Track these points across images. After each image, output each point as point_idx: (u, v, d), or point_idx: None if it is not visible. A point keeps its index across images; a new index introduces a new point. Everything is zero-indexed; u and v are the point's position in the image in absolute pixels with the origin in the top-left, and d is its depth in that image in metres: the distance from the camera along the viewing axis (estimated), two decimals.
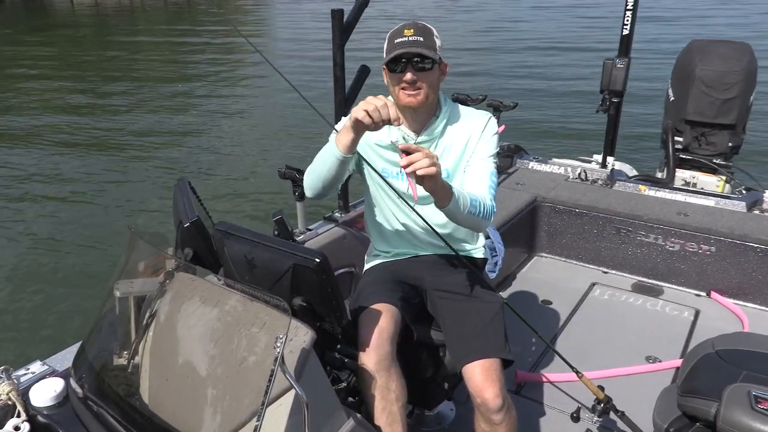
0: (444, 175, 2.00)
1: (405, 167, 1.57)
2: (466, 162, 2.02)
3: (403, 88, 1.90)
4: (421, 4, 33.17)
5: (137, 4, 38.59)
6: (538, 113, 10.88)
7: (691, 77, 4.19)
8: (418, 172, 1.56)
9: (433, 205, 1.76)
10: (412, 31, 1.87)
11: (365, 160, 1.92)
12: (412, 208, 1.86)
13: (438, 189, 1.67)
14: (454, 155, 2.02)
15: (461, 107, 2.09)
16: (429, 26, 1.92)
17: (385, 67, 1.93)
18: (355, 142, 1.75)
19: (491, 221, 1.96)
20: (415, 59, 1.85)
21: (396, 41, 1.87)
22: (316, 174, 1.90)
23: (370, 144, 2.05)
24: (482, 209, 1.86)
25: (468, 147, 2.02)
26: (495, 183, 2.00)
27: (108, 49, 20.88)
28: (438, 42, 1.91)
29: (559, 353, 2.10)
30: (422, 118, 2.00)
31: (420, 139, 2.01)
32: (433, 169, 1.57)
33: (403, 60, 1.86)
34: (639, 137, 8.64)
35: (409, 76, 1.86)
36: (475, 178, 1.99)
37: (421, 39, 1.86)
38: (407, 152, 1.59)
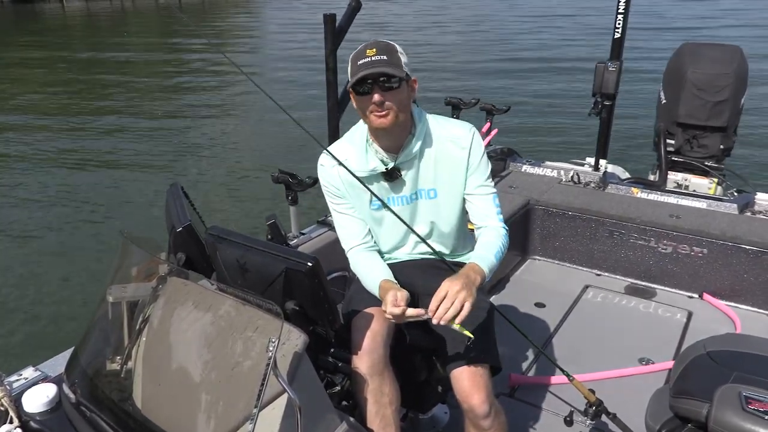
0: (431, 196, 2.01)
1: (439, 323, 1.64)
2: (456, 181, 1.99)
3: (371, 111, 1.82)
4: (414, 11, 33.23)
5: (129, 8, 38.55)
6: (531, 116, 10.93)
7: (683, 80, 4.21)
8: (457, 320, 1.64)
9: (424, 226, 1.85)
10: (374, 50, 1.79)
11: (375, 195, 1.94)
12: (409, 227, 1.90)
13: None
14: (437, 172, 1.98)
15: (436, 119, 2.02)
16: (392, 44, 1.85)
17: (351, 90, 1.85)
18: None
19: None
20: (381, 79, 1.77)
21: (359, 63, 1.79)
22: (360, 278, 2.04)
23: (359, 179, 1.96)
24: (502, 247, 1.95)
25: (457, 165, 1.97)
26: (498, 204, 2.03)
27: (99, 53, 20.79)
28: (403, 59, 1.83)
29: (551, 356, 2.11)
30: (397, 137, 1.93)
31: (398, 160, 1.95)
32: (467, 309, 1.65)
33: (369, 81, 1.78)
34: (631, 140, 8.69)
35: (376, 97, 1.78)
36: (481, 210, 2.01)
37: (385, 58, 1.78)
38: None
